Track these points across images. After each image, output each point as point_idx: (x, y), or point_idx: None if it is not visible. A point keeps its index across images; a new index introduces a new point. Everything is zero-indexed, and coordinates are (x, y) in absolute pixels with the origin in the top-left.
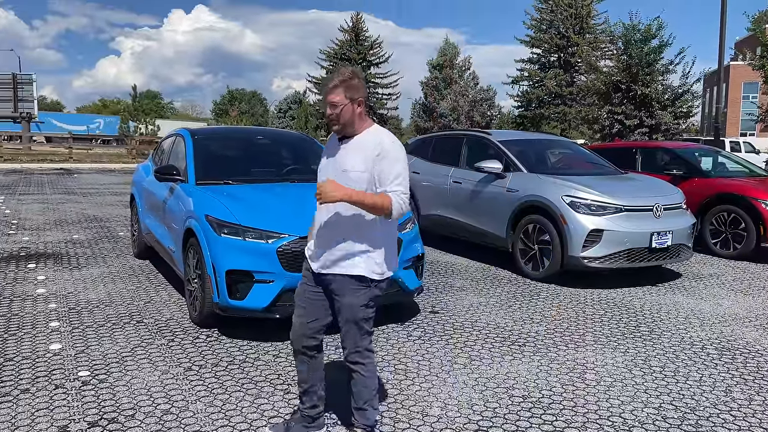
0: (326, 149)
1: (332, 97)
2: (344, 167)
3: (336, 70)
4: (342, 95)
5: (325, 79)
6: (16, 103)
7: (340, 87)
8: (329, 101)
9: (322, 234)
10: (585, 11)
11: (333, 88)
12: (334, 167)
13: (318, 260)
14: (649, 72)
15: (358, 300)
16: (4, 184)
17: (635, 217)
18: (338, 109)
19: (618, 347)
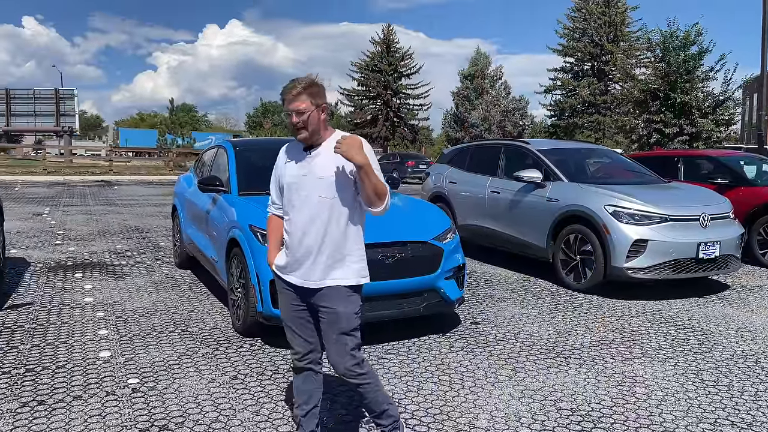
0: (287, 156)
1: (297, 105)
2: (320, 174)
3: (294, 79)
4: (307, 102)
5: (285, 88)
6: (58, 117)
7: (304, 93)
8: (294, 109)
9: (305, 242)
10: (619, 19)
11: (297, 95)
12: (308, 175)
13: (301, 273)
14: (688, 79)
15: (352, 307)
16: (49, 196)
17: (681, 227)
18: (305, 115)
19: (667, 360)
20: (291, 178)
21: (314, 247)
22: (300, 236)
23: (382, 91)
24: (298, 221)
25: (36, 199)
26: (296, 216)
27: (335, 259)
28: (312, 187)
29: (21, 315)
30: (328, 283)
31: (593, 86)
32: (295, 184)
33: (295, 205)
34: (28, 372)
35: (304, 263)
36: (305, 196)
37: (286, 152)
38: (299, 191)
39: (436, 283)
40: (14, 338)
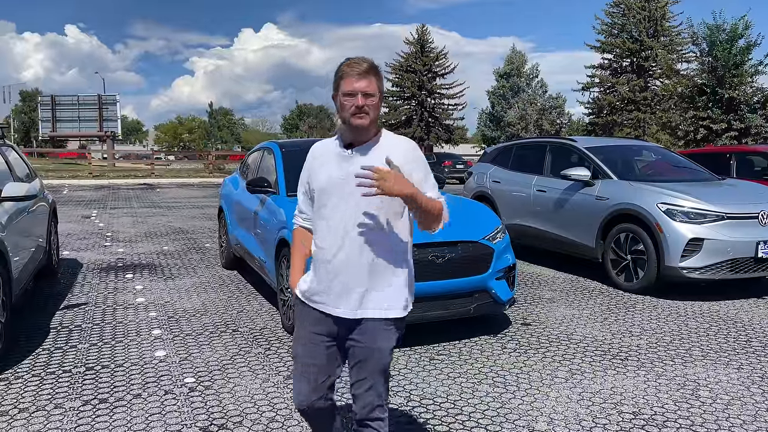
0: (320, 156)
1: (366, 84)
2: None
3: (358, 57)
4: (375, 84)
5: (350, 61)
6: (101, 122)
7: (371, 73)
8: (362, 89)
9: (346, 266)
10: (659, 14)
11: (366, 73)
12: (347, 178)
13: (332, 299)
14: (736, 74)
15: (390, 343)
16: (96, 199)
17: (739, 225)
18: (374, 99)
19: (730, 363)
20: (325, 182)
21: (352, 268)
22: (334, 252)
23: (417, 92)
24: (331, 235)
25: (83, 202)
26: (330, 229)
27: (378, 284)
28: (351, 193)
29: (77, 315)
30: (370, 314)
31: (633, 83)
32: (330, 190)
33: (328, 215)
34: (88, 370)
35: (336, 287)
36: (342, 205)
37: (317, 151)
38: (335, 198)
39: (486, 284)
40: (72, 337)
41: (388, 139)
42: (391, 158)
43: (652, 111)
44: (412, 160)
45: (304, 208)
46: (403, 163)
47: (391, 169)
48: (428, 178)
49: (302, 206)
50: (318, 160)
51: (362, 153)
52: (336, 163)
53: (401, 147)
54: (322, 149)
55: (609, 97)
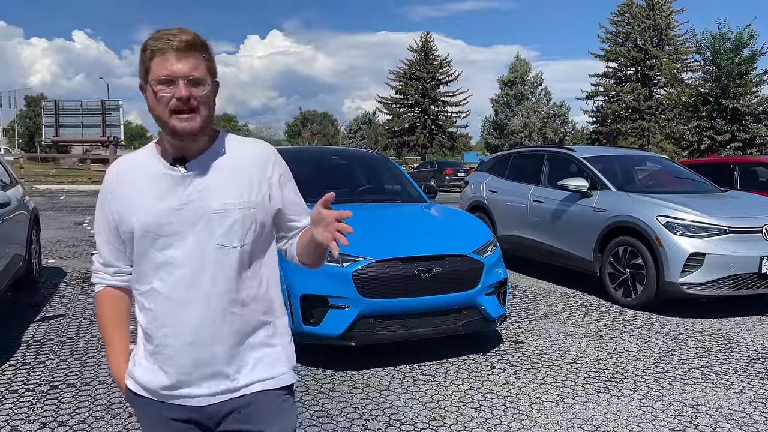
0: (128, 185)
1: (189, 66)
2: (216, 203)
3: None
4: (205, 66)
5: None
6: (104, 128)
7: (197, 48)
8: (184, 74)
9: (210, 333)
10: (664, 22)
11: (187, 49)
12: (188, 207)
13: (208, 384)
14: (741, 83)
15: (293, 420)
16: (92, 205)
17: (742, 239)
18: (203, 88)
19: (731, 387)
20: (151, 219)
21: (215, 333)
22: (182, 318)
23: (420, 99)
24: (176, 292)
25: (78, 208)
26: (174, 286)
27: (256, 344)
28: (201, 228)
29: (52, 327)
30: (258, 386)
31: (637, 92)
32: (163, 230)
33: (164, 264)
34: (52, 389)
35: (201, 365)
36: (188, 246)
37: (122, 172)
38: (173, 240)
39: (476, 300)
40: (42, 352)
41: (233, 143)
42: (239, 173)
43: (656, 120)
44: (279, 170)
45: (111, 259)
46: (256, 180)
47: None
48: (298, 195)
49: (108, 256)
50: (128, 186)
51: (202, 169)
52: (164, 188)
53: (256, 155)
54: (132, 168)
55: (613, 106)
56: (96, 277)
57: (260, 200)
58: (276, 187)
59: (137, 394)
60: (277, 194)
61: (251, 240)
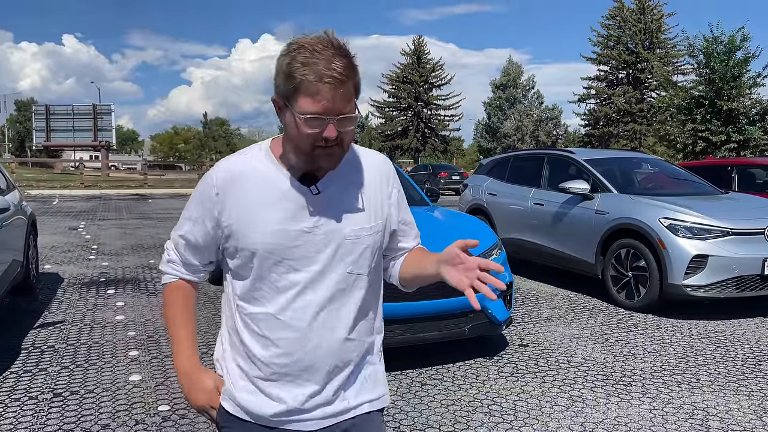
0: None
1: (343, 102)
2: (350, 227)
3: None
4: (353, 98)
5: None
6: (95, 132)
7: (350, 77)
8: (337, 112)
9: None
10: (655, 26)
11: (342, 83)
12: (317, 230)
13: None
14: (734, 86)
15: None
16: (86, 210)
17: (744, 241)
18: (352, 123)
19: (740, 389)
20: (282, 237)
21: (334, 360)
22: (302, 346)
23: (413, 103)
24: (297, 320)
25: (72, 213)
26: (291, 310)
27: (364, 364)
28: (331, 253)
29: (52, 334)
30: (365, 408)
31: (629, 94)
32: (293, 250)
33: (285, 288)
34: (56, 397)
35: (314, 393)
36: (315, 272)
37: (240, 176)
38: (302, 262)
39: (482, 303)
40: (43, 359)
41: (355, 156)
42: (364, 190)
43: (648, 123)
44: (396, 186)
45: (191, 258)
46: (379, 197)
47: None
48: (409, 212)
49: (189, 255)
50: (247, 196)
51: (332, 189)
52: (294, 206)
53: (377, 170)
54: (251, 174)
55: (605, 109)
56: (169, 267)
57: (383, 222)
58: (394, 206)
59: (237, 417)
60: (394, 214)
61: (375, 264)
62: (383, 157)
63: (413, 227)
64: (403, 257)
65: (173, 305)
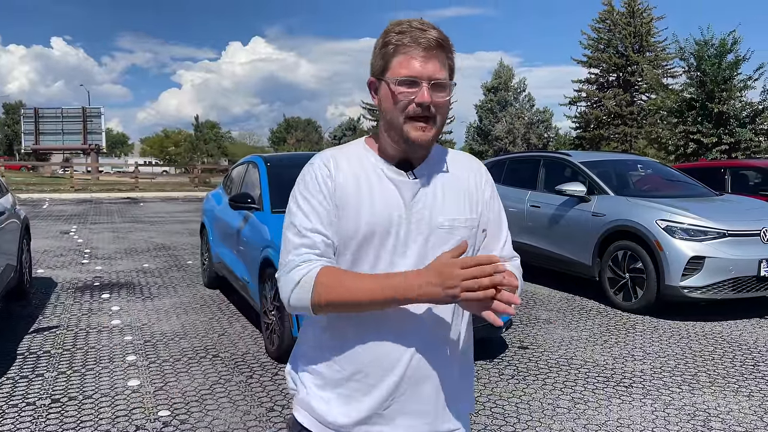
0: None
1: (435, 68)
2: (443, 216)
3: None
4: (447, 70)
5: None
6: (85, 135)
7: (445, 50)
8: (429, 76)
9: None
10: (644, 29)
11: (436, 47)
12: (416, 218)
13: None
14: (725, 88)
15: None
16: (76, 213)
17: (740, 243)
18: (445, 95)
19: (740, 390)
20: (382, 222)
21: (426, 368)
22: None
23: None
24: (388, 317)
25: (63, 216)
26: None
27: (455, 379)
28: (424, 242)
29: (47, 339)
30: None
31: (619, 97)
32: (391, 237)
33: (372, 270)
34: (54, 403)
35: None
36: (410, 262)
37: (347, 165)
38: (397, 252)
39: None
40: (40, 364)
41: (445, 152)
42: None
43: (639, 125)
44: (491, 186)
45: (322, 247)
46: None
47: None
48: (503, 216)
49: (318, 243)
50: (351, 181)
51: (427, 178)
52: (392, 192)
53: (471, 168)
54: (353, 161)
55: (596, 112)
56: (307, 256)
57: (478, 218)
58: (488, 205)
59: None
60: (485, 214)
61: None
62: (473, 156)
63: (503, 232)
64: None
65: (342, 276)
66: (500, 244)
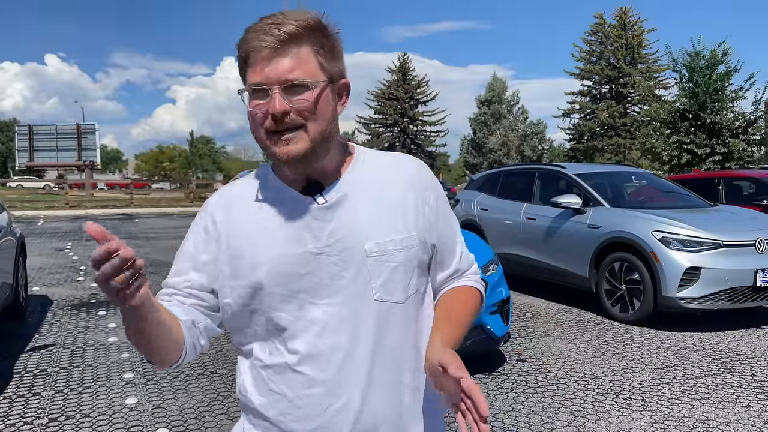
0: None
1: (287, 65)
2: (371, 243)
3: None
4: (315, 62)
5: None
6: (80, 152)
7: (307, 41)
8: (277, 77)
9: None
10: (636, 41)
11: (288, 42)
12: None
13: None
14: (717, 99)
15: None
16: (71, 230)
17: (736, 253)
18: (308, 98)
19: (738, 401)
20: (287, 264)
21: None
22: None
23: (399, 119)
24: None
25: (58, 233)
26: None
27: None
28: (351, 279)
29: (44, 357)
30: None
31: (612, 109)
32: (302, 279)
33: (300, 331)
34: (51, 422)
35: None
36: (335, 305)
37: (240, 196)
38: (316, 294)
39: (480, 319)
40: (36, 383)
41: (372, 158)
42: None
43: (632, 137)
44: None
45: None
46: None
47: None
48: (453, 227)
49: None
50: (244, 218)
51: (344, 197)
52: (296, 225)
53: (407, 172)
54: (246, 193)
55: (589, 123)
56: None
57: (421, 234)
58: (433, 214)
59: None
60: (434, 225)
61: (414, 290)
62: (411, 157)
63: (454, 243)
64: (443, 291)
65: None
66: (456, 257)
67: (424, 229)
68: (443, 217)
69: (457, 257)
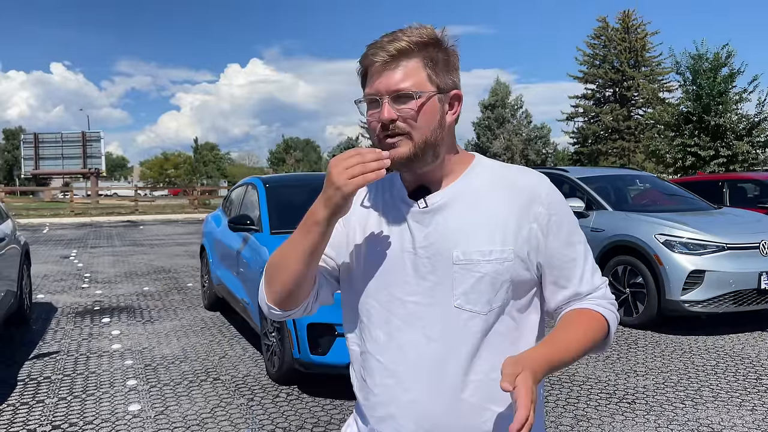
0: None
1: (396, 79)
2: (458, 251)
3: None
4: (424, 74)
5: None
6: (85, 159)
7: (416, 55)
8: (386, 90)
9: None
10: (639, 44)
11: (398, 57)
12: (425, 251)
13: None
14: (721, 102)
15: None
16: (77, 238)
17: (740, 256)
18: (413, 103)
19: (743, 404)
20: (381, 256)
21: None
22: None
23: None
24: (395, 363)
25: (63, 241)
26: (389, 350)
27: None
28: (435, 281)
29: (48, 365)
30: None
31: (616, 112)
32: (393, 273)
33: (383, 322)
34: (54, 429)
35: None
36: (416, 304)
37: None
38: (402, 290)
39: None
40: (40, 391)
41: (491, 171)
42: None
43: (636, 140)
44: (549, 209)
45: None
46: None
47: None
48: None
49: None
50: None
51: (446, 204)
52: (397, 222)
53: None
54: (379, 191)
55: (593, 127)
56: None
57: (518, 250)
58: (543, 233)
59: None
60: (542, 243)
61: (500, 304)
62: (538, 174)
63: (574, 266)
64: (563, 312)
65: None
66: (574, 279)
67: (526, 245)
68: (558, 237)
69: (576, 279)
